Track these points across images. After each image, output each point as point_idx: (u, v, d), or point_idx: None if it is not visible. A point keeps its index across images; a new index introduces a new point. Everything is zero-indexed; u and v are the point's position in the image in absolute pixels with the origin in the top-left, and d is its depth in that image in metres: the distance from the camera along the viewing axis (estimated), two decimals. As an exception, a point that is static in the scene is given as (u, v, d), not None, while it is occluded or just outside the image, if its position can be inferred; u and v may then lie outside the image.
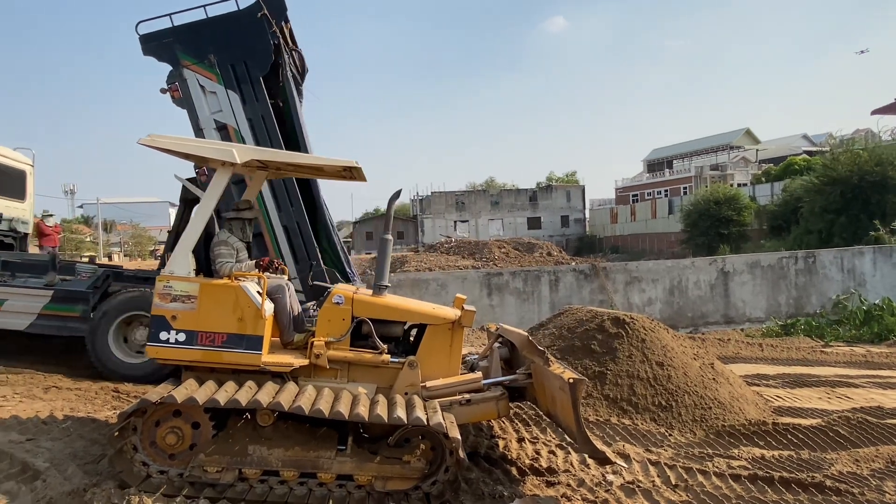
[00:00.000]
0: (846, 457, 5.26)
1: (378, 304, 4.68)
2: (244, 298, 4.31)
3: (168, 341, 4.25)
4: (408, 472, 4.10)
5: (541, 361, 4.52)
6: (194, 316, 4.27)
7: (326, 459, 4.07)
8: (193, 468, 4.03)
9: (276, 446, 4.09)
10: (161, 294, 4.30)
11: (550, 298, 13.63)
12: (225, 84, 7.85)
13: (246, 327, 4.28)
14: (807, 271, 14.31)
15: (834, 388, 8.03)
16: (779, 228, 32.02)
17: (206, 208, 4.57)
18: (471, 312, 4.77)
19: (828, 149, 31.72)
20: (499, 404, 4.69)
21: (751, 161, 55.19)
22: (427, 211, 57.96)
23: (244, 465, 4.06)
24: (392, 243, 4.95)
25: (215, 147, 4.47)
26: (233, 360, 4.29)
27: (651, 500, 4.21)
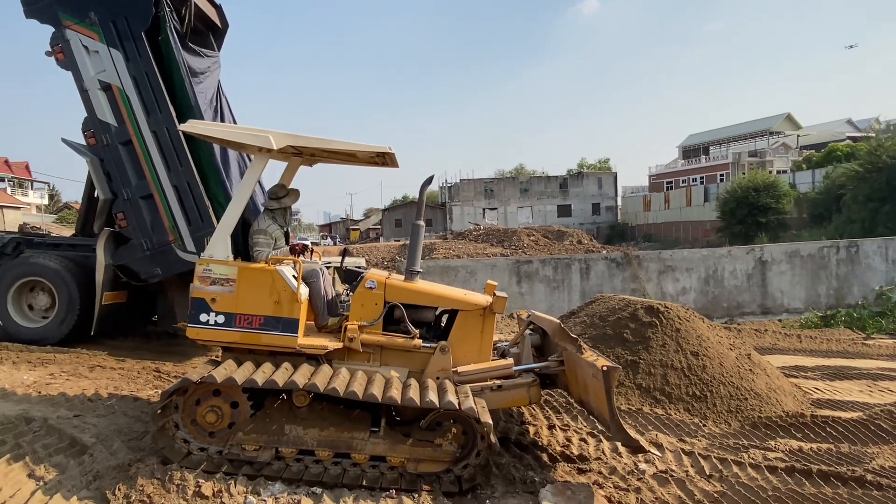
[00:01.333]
0: (888, 451, 5.11)
1: (410, 289, 4.73)
2: (280, 282, 4.40)
3: (207, 323, 4.38)
4: (439, 455, 4.15)
5: (573, 349, 4.51)
6: (233, 299, 4.38)
7: (360, 440, 4.14)
8: (232, 446, 4.15)
9: (312, 426, 4.16)
10: (201, 277, 4.40)
11: (581, 287, 13.52)
12: (107, 42, 7.65)
13: (282, 310, 4.38)
14: (849, 261, 13.86)
15: (876, 382, 7.79)
16: (820, 217, 31.03)
17: (243, 194, 4.65)
18: (503, 298, 4.77)
19: (873, 134, 30.46)
20: (530, 391, 4.71)
21: (791, 147, 53.34)
22: (455, 198, 57.84)
23: (281, 444, 4.14)
24: (424, 229, 4.97)
25: (252, 133, 4.45)
26: (270, 342, 4.38)
27: (685, 489, 4.17)
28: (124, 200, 7.88)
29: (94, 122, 7.88)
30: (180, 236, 7.77)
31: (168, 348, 8.47)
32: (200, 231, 7.62)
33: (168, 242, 7.80)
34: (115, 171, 7.90)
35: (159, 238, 7.83)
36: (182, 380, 4.14)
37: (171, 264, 7.83)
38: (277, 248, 4.94)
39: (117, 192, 7.92)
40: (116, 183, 7.90)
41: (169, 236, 7.80)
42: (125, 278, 8.03)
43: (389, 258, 28.89)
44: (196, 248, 7.62)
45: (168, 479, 3.84)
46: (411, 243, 4.92)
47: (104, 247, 7.88)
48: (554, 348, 4.93)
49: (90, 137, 7.92)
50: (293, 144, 4.63)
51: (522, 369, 4.83)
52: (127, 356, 7.60)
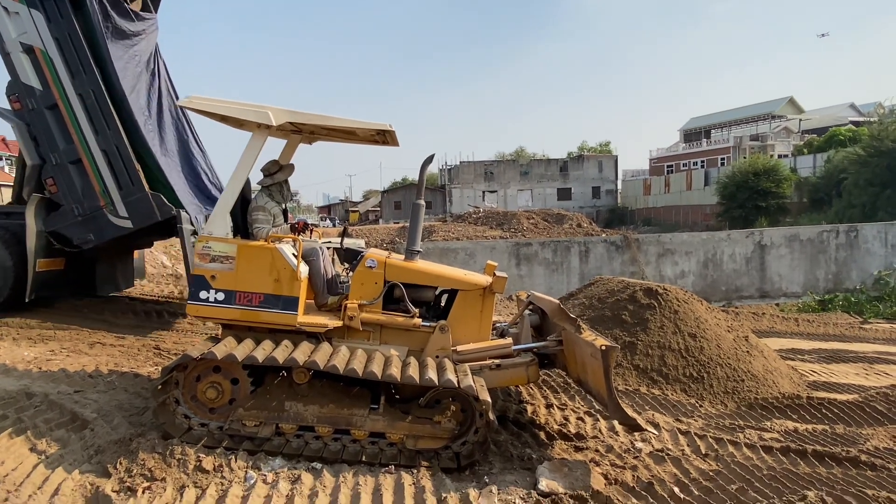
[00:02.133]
0: (883, 433, 5.16)
1: (410, 268, 4.73)
2: (280, 260, 4.41)
3: (207, 300, 4.39)
4: (438, 432, 4.19)
5: (572, 328, 4.53)
6: (232, 276, 4.39)
7: (360, 417, 4.18)
8: (233, 422, 4.18)
9: (312, 403, 4.20)
10: (200, 254, 4.40)
11: (580, 269, 13.54)
12: (27, 3, 7.50)
13: (282, 288, 4.39)
14: (848, 245, 13.87)
15: (872, 365, 7.84)
16: (820, 201, 31.01)
17: (242, 170, 4.61)
18: (502, 278, 4.79)
19: (876, 119, 30.28)
20: (528, 370, 4.73)
21: (793, 131, 53.07)
22: (455, 181, 57.63)
23: (281, 420, 4.18)
24: (424, 209, 4.94)
25: (251, 109, 4.41)
26: (269, 320, 4.40)
27: (680, 467, 4.21)
28: (53, 166, 7.78)
29: (18, 86, 7.73)
30: (112, 201, 7.70)
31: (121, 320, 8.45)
32: (132, 196, 7.58)
33: (99, 207, 7.73)
34: (42, 136, 7.78)
35: (90, 203, 7.75)
36: (182, 356, 4.15)
37: (103, 230, 7.77)
38: (276, 224, 4.91)
39: (45, 157, 7.81)
40: (44, 148, 7.80)
41: (100, 201, 7.72)
42: (58, 245, 7.97)
43: (389, 240, 28.88)
44: (127, 213, 7.58)
45: (169, 454, 3.87)
46: (411, 223, 4.91)
47: (34, 213, 7.80)
48: (553, 328, 4.94)
49: (15, 102, 7.78)
50: (292, 121, 4.59)
51: (521, 349, 4.86)
52: (127, 334, 7.63)
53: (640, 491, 3.80)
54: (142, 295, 10.14)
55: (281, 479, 3.84)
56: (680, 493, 3.80)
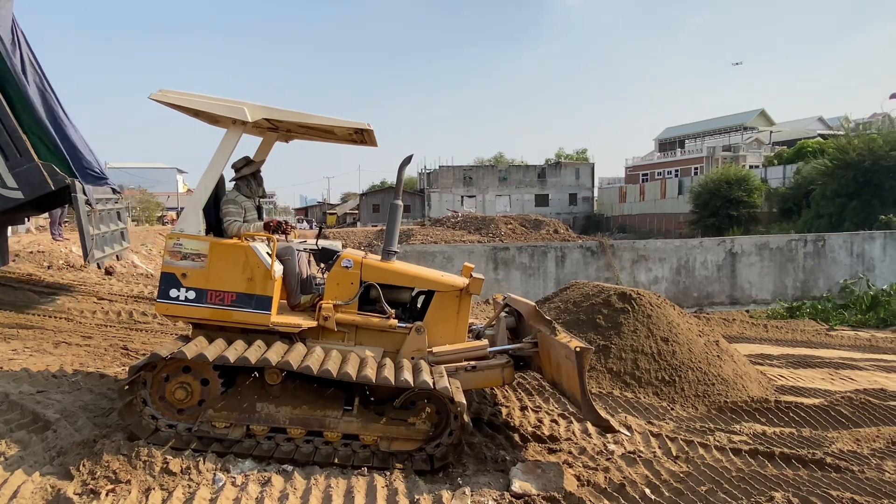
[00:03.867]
0: (847, 436, 5.29)
1: (387, 269, 4.68)
2: (254, 259, 4.32)
3: (178, 298, 4.28)
4: (412, 434, 4.16)
5: (547, 331, 4.55)
6: (204, 274, 4.28)
7: (333, 419, 4.12)
8: (202, 423, 4.06)
9: (284, 404, 4.12)
10: (171, 252, 4.30)
11: (556, 274, 13.64)
12: None
13: (255, 287, 4.30)
14: (815, 254, 14.23)
15: (837, 370, 8.04)
16: (789, 211, 31.77)
17: (215, 167, 4.49)
18: (479, 280, 4.78)
19: (843, 132, 31.22)
20: (504, 372, 4.72)
21: (764, 143, 54.38)
22: (434, 185, 57.66)
23: (252, 421, 4.10)
24: (401, 209, 4.90)
25: (226, 104, 4.32)
26: (242, 319, 4.31)
27: (651, 469, 4.25)
28: None
29: None
30: None
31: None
32: (20, 166, 7.49)
33: None
34: None
35: None
36: (151, 355, 4.06)
37: None
38: (248, 219, 4.81)
39: None
40: None
41: None
42: None
43: (367, 243, 28.72)
44: (17, 184, 7.48)
45: (135, 456, 3.77)
46: (389, 223, 4.86)
47: None
48: (529, 330, 4.95)
49: None
50: (269, 118, 4.51)
51: (497, 350, 4.85)
52: (94, 333, 7.44)
53: (611, 492, 3.82)
54: (110, 294, 9.89)
55: (251, 481, 3.76)
56: (651, 494, 3.83)
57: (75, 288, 9.84)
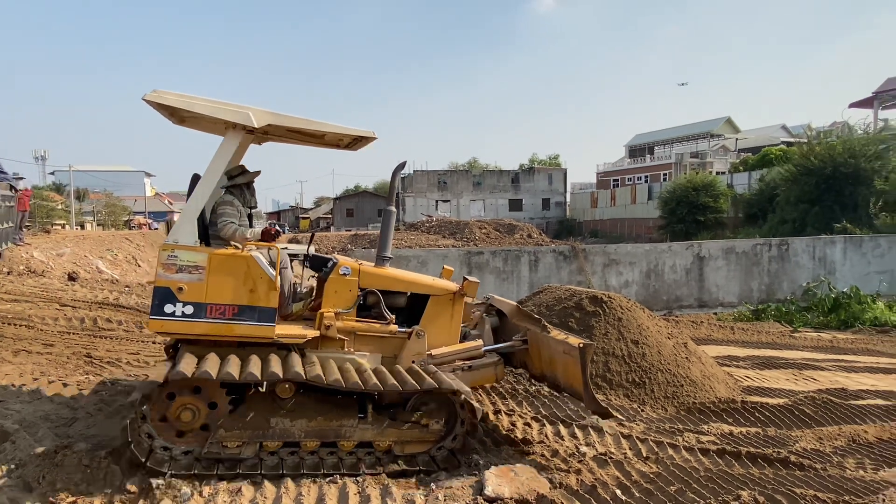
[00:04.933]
0: (810, 434, 5.44)
1: (384, 275, 4.69)
2: (256, 269, 4.11)
3: (174, 314, 3.96)
4: (426, 436, 4.22)
5: (538, 329, 4.75)
6: (202, 287, 4.00)
7: (349, 428, 4.09)
8: (212, 444, 3.85)
9: (300, 417, 4.04)
10: (165, 264, 3.98)
11: (530, 278, 13.73)
12: None
13: (258, 299, 4.09)
14: (779, 258, 14.63)
15: (801, 371, 8.26)
16: (754, 217, 32.56)
17: (214, 173, 4.24)
18: (475, 283, 4.87)
19: (805, 140, 32.21)
20: (497, 369, 4.94)
21: (730, 150, 55.75)
22: (409, 189, 57.61)
23: (266, 437, 3.96)
24: (395, 215, 4.95)
25: (230, 109, 4.08)
26: (245, 333, 4.10)
27: (622, 470, 4.30)
28: None
29: None
30: None
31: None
32: None
33: None
34: None
35: None
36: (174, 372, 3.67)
37: None
38: (241, 225, 4.65)
39: None
40: None
41: None
42: None
43: (340, 247, 28.50)
44: None
45: (97, 467, 3.66)
46: (382, 229, 4.87)
47: None
48: (512, 329, 5.12)
49: None
50: (274, 123, 4.29)
51: (490, 349, 4.99)
52: (56, 341, 7.21)
53: (583, 494, 3.86)
54: (73, 300, 9.61)
55: (220, 491, 3.68)
56: (622, 495, 3.88)
57: (36, 294, 9.53)
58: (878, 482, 4.32)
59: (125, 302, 10.53)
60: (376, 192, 66.53)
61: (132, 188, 65.18)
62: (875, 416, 6.06)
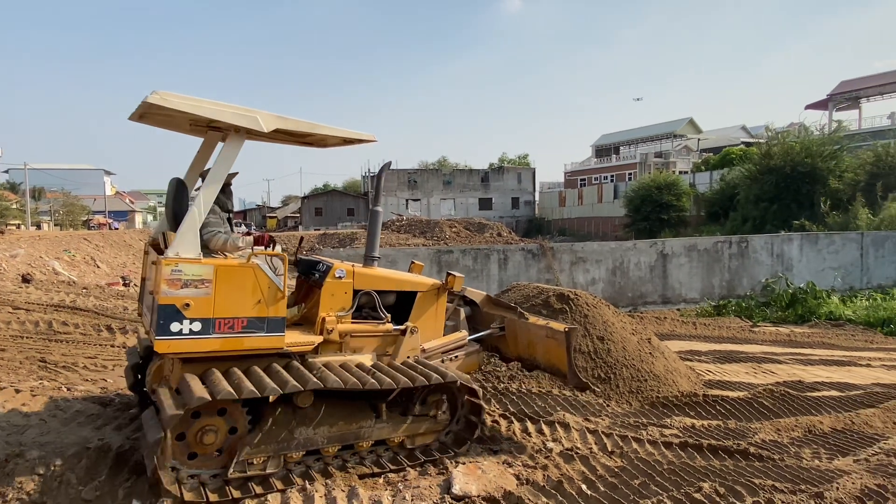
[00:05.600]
0: (769, 426, 5.61)
1: (376, 275, 4.79)
2: (263, 279, 3.99)
3: (181, 333, 3.72)
4: (434, 426, 4.48)
5: (514, 316, 5.24)
6: (209, 302, 3.80)
7: (367, 428, 4.21)
8: (237, 464, 3.74)
9: (321, 424, 4.05)
10: (169, 280, 3.71)
11: (499, 276, 13.78)
12: None
13: (266, 309, 3.98)
14: (739, 255, 15.03)
15: (760, 364, 8.51)
16: (716, 215, 33.40)
17: (216, 180, 4.04)
18: (460, 278, 5.09)
19: (764, 140, 33.20)
20: (479, 356, 5.38)
21: (692, 150, 57.12)
22: (378, 188, 57.23)
23: (290, 449, 3.93)
24: (382, 215, 5.05)
25: (238, 112, 3.91)
26: (255, 345, 3.98)
27: (588, 465, 4.35)
28: None
29: None
30: None
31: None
32: None
33: None
34: None
35: None
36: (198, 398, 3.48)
37: None
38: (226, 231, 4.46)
39: None
40: None
41: None
42: None
43: (309, 247, 28.11)
44: None
45: (51, 476, 3.53)
46: (370, 229, 5.00)
47: None
48: (483, 317, 5.53)
49: None
50: (281, 128, 4.16)
51: (473, 338, 5.31)
52: (9, 346, 6.92)
53: (549, 490, 3.89)
54: (28, 303, 9.26)
55: (180, 496, 3.59)
56: (587, 490, 3.93)
57: (-13, 297, 9.15)
58: (832, 471, 4.48)
59: (83, 304, 10.19)
60: (345, 191, 65.97)
61: (91, 187, 63.18)
62: (830, 408, 6.29)
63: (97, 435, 4.42)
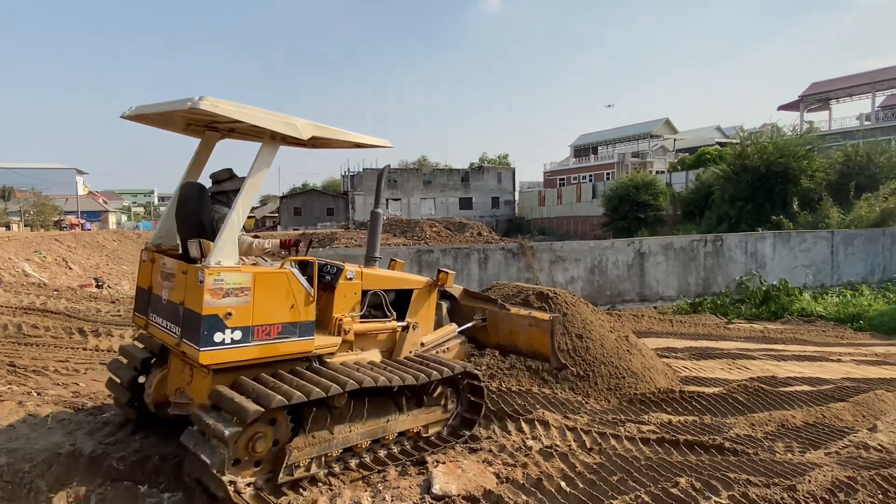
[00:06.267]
0: (743, 421, 5.71)
1: (381, 275, 4.97)
2: (296, 284, 4.03)
3: (223, 342, 3.69)
4: (444, 415, 4.81)
5: (495, 308, 5.68)
6: (248, 310, 3.80)
7: (393, 421, 4.43)
8: (285, 468, 3.77)
9: (356, 421, 4.18)
10: (212, 290, 3.65)
11: (479, 276, 13.82)
12: None
13: (299, 314, 4.04)
14: (715, 254, 15.28)
15: (734, 360, 8.67)
16: (692, 214, 33.88)
17: (254, 187, 4.02)
18: (452, 274, 5.37)
19: (738, 141, 33.77)
20: (465, 346, 5.67)
21: (669, 150, 57.92)
22: (358, 188, 56.95)
23: (331, 448, 4.03)
24: (382, 217, 5.25)
25: (280, 119, 3.95)
26: (288, 351, 4.04)
27: (567, 462, 4.38)
28: None
29: None
30: None
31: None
32: None
33: None
34: None
35: None
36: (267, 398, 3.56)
37: None
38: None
39: None
40: None
41: None
42: None
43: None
44: None
45: (19, 482, 3.44)
46: (370, 231, 5.21)
47: None
48: (462, 310, 5.87)
49: None
50: (317, 135, 4.22)
51: (459, 331, 5.63)
52: (-26, 350, 6.73)
53: (529, 487, 3.91)
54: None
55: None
56: (566, 487, 3.95)
57: (-47, 300, 8.88)
58: (804, 464, 4.58)
59: (54, 307, 9.95)
60: (324, 191, 65.49)
61: (63, 186, 61.71)
62: (802, 402, 6.43)
63: (68, 440, 4.33)
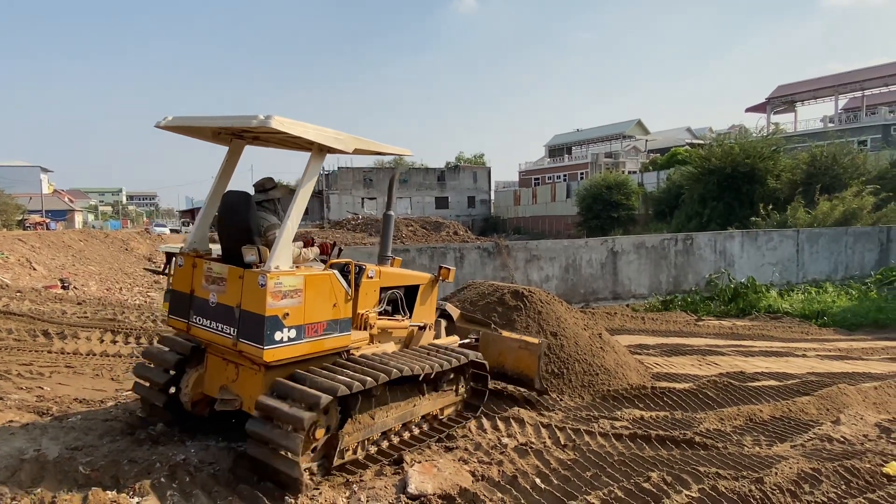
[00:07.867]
0: (713, 416, 5.83)
1: (397, 273, 5.31)
2: (337, 284, 4.37)
3: (282, 340, 4.00)
4: (457, 398, 5.26)
5: (489, 330, 6.21)
6: (301, 310, 4.12)
7: (418, 405, 4.78)
8: (340, 452, 4.05)
9: (391, 407, 4.51)
10: (273, 293, 3.94)
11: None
12: None
13: (339, 312, 4.37)
14: (685, 252, 15.57)
15: (704, 356, 8.85)
16: (663, 213, 34.51)
17: (305, 196, 4.24)
18: (452, 270, 5.79)
19: (707, 142, 34.50)
20: None
21: (640, 150, 58.83)
22: (333, 187, 56.47)
23: (372, 433, 4.36)
24: (394, 219, 5.66)
25: (331, 135, 4.25)
26: (332, 346, 4.36)
27: (542, 459, 4.42)
28: None
29: None
30: None
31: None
32: None
33: None
34: None
35: None
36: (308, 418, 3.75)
37: None
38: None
39: None
40: None
41: None
42: None
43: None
44: None
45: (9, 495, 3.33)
46: (383, 231, 5.59)
47: None
48: (458, 331, 6.26)
49: None
50: (359, 148, 4.56)
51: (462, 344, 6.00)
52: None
53: (504, 485, 3.93)
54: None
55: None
56: (541, 483, 3.99)
57: None
58: (771, 457, 4.70)
59: (16, 308, 9.65)
60: (298, 190, 64.64)
61: (27, 185, 59.77)
62: (769, 397, 6.60)
63: (33, 446, 4.21)
